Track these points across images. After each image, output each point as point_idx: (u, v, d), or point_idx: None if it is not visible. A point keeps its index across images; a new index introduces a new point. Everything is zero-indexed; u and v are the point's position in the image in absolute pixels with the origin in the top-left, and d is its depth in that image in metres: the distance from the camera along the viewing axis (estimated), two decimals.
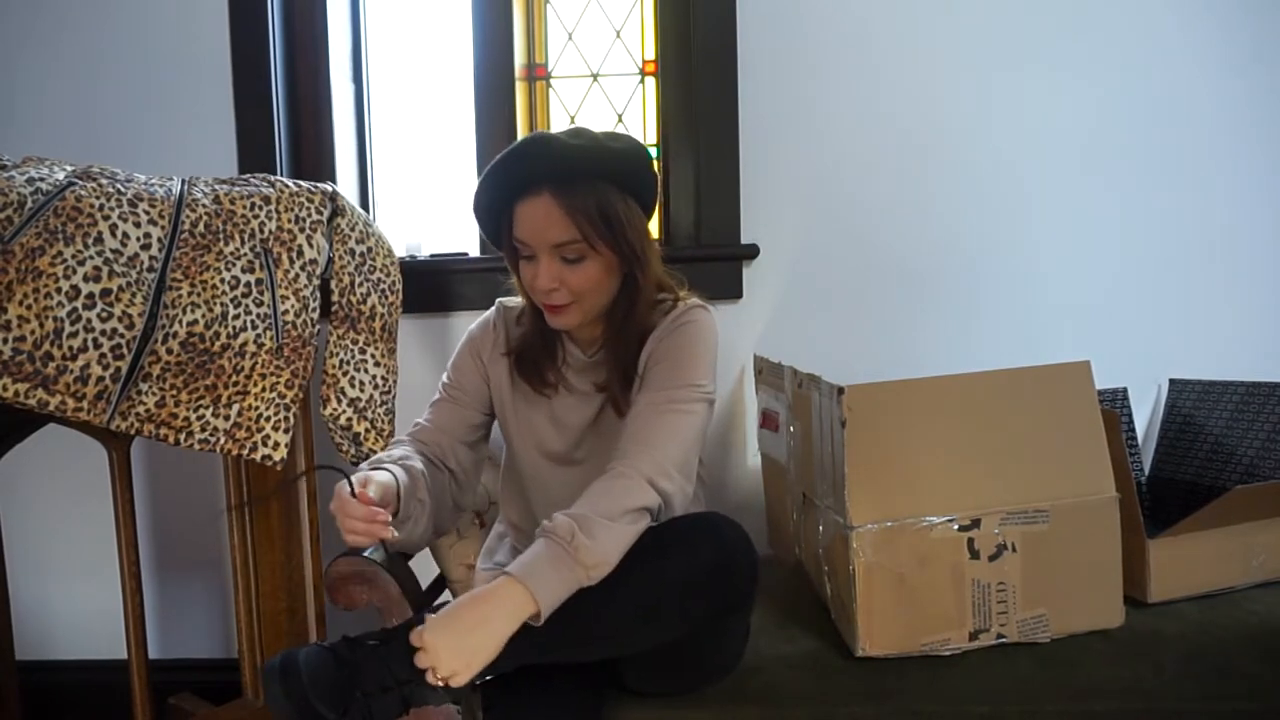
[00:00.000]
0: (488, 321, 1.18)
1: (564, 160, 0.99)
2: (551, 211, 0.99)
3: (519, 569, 0.87)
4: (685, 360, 1.04)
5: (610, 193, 1.01)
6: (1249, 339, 1.62)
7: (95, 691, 1.67)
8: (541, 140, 1.00)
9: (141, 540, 1.57)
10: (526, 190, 1.00)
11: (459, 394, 1.15)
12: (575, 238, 1.00)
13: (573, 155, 0.99)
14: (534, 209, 1.00)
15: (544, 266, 1.01)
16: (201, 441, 1.09)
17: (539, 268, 1.02)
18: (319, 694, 0.85)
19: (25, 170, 1.06)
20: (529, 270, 1.04)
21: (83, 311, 0.99)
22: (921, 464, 1.06)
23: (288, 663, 0.87)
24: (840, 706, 1.02)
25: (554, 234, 1.00)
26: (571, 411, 1.12)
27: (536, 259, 1.02)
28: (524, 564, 0.87)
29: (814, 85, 1.60)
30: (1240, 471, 1.38)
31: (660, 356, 1.05)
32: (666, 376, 1.03)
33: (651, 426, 0.99)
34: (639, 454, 0.97)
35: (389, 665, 0.87)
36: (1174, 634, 1.10)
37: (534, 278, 1.03)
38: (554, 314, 1.05)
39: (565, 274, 1.02)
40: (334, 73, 1.68)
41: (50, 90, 1.63)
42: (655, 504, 0.94)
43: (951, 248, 1.61)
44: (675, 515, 0.99)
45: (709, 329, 1.08)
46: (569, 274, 1.02)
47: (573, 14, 1.72)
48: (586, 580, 0.88)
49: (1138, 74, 1.59)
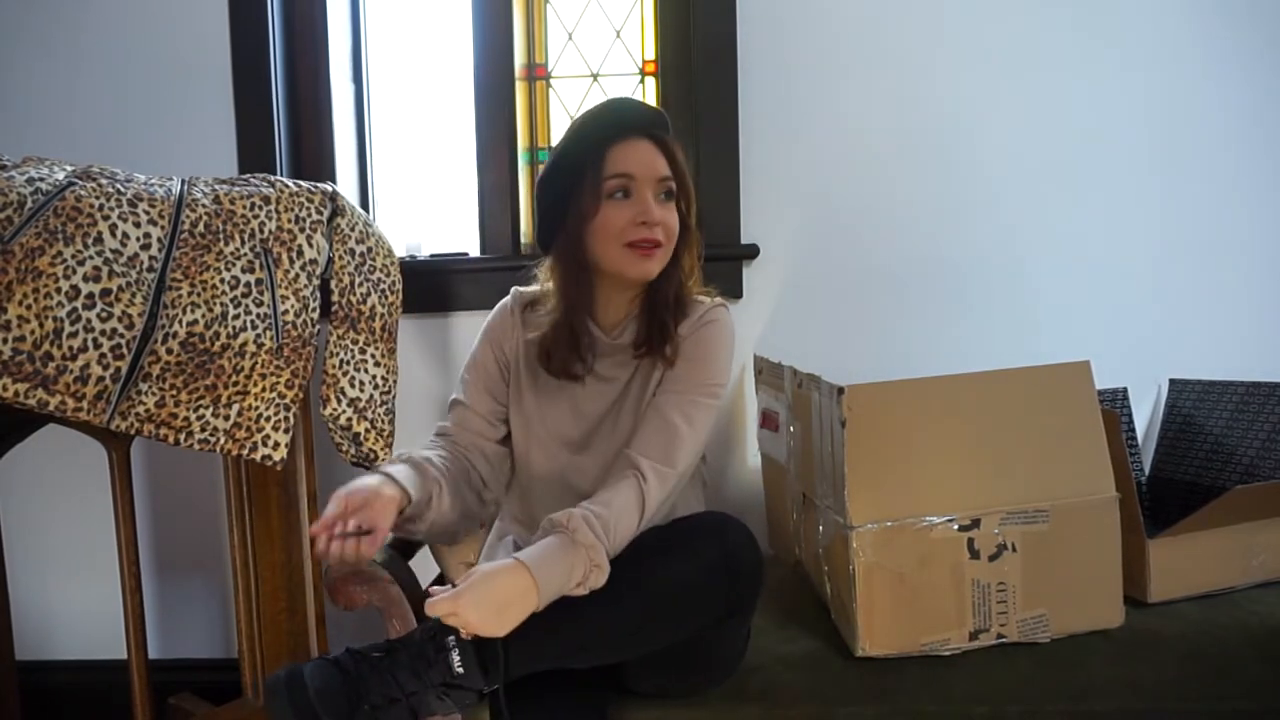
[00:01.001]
0: (504, 309, 1.18)
1: (650, 117, 1.09)
2: (654, 151, 1.07)
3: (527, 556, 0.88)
4: (709, 359, 1.09)
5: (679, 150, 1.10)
6: (1249, 339, 1.62)
7: (95, 691, 1.67)
8: (626, 100, 1.11)
9: (141, 540, 1.57)
10: (625, 134, 1.06)
11: (480, 387, 1.16)
12: (673, 176, 1.07)
13: (655, 114, 1.10)
14: (638, 147, 1.06)
15: (649, 199, 1.05)
16: (201, 441, 1.09)
17: (643, 201, 1.05)
18: (326, 707, 0.84)
19: (25, 170, 1.06)
20: (624, 210, 1.05)
21: (82, 311, 0.99)
22: (921, 464, 1.06)
23: (293, 677, 0.86)
24: (840, 706, 1.02)
25: (661, 167, 1.06)
26: (592, 399, 1.13)
27: (634, 197, 1.05)
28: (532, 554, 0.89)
29: (814, 85, 1.60)
30: (1240, 471, 1.38)
31: (685, 354, 1.09)
32: (689, 375, 1.07)
33: (670, 424, 1.03)
34: (655, 451, 1.01)
35: (395, 676, 0.87)
36: (1174, 634, 1.10)
37: (636, 213, 1.05)
38: (646, 257, 1.06)
39: (663, 213, 1.06)
40: (334, 73, 1.68)
41: (50, 90, 1.63)
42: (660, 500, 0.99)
43: (952, 248, 1.61)
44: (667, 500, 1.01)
45: (730, 329, 1.13)
46: (665, 213, 1.06)
47: (573, 14, 1.72)
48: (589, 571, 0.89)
49: (1138, 74, 1.59)
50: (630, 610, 0.91)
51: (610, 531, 0.91)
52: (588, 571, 0.88)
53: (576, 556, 0.88)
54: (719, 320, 1.11)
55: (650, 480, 0.98)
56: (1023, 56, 1.59)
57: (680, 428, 1.03)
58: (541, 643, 0.89)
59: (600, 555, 0.89)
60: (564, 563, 0.88)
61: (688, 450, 1.03)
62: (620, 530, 0.93)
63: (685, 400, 1.05)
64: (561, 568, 0.87)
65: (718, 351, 1.10)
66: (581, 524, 0.89)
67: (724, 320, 1.12)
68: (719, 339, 1.10)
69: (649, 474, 0.98)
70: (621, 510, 0.94)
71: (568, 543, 0.89)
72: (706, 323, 1.10)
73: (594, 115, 1.07)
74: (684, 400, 1.05)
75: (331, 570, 1.10)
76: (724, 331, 1.11)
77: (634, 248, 1.05)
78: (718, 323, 1.11)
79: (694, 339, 1.09)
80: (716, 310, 1.12)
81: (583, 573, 0.88)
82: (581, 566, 0.88)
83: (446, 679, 0.88)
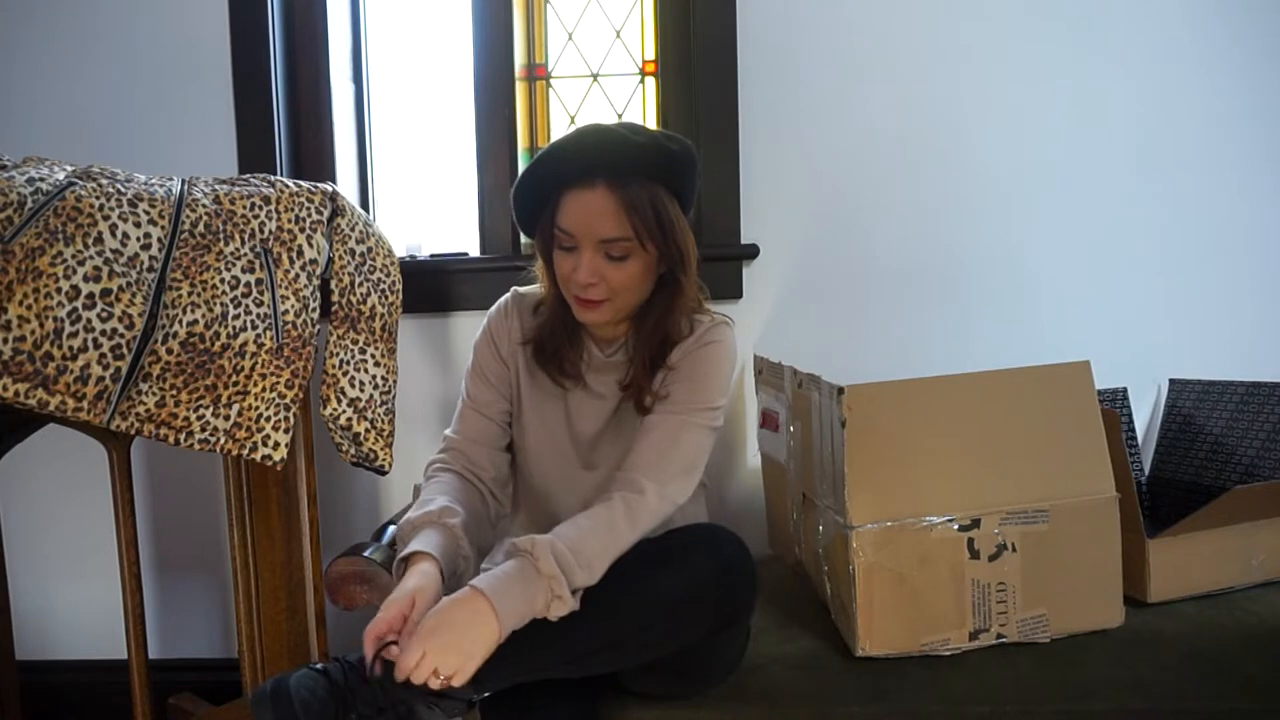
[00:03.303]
0: (503, 308, 1.17)
1: (625, 155, 0.97)
2: (606, 205, 0.97)
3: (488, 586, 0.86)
4: (707, 380, 1.05)
5: (661, 193, 0.99)
6: (1249, 339, 1.62)
7: (95, 691, 1.67)
8: (602, 131, 0.98)
9: (141, 540, 1.57)
10: (580, 179, 0.98)
11: (484, 391, 1.14)
12: (626, 235, 0.98)
13: (634, 151, 0.97)
14: (587, 200, 0.97)
15: (586, 260, 0.99)
16: (201, 441, 1.09)
17: (580, 261, 1.00)
18: (312, 718, 0.84)
19: (25, 170, 1.06)
20: (566, 262, 1.01)
21: (83, 311, 0.99)
22: (921, 464, 1.06)
23: (279, 688, 0.86)
24: (840, 706, 1.02)
25: (605, 228, 0.98)
26: (586, 413, 1.12)
27: (577, 251, 1.00)
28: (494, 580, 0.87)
29: (814, 85, 1.60)
30: (1240, 471, 1.38)
31: (684, 374, 1.05)
32: (687, 395, 1.04)
33: (665, 443, 1.01)
34: (650, 470, 0.98)
35: (383, 685, 0.86)
36: (1174, 634, 1.10)
37: (573, 270, 1.00)
38: (585, 309, 1.03)
39: (606, 270, 1.00)
40: (334, 73, 1.68)
41: (50, 90, 1.62)
42: (656, 521, 0.97)
43: (952, 247, 1.61)
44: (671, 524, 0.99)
45: (731, 349, 1.09)
46: (610, 270, 1.00)
47: (573, 14, 1.72)
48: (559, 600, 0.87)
49: (1138, 74, 1.59)
50: (623, 623, 0.90)
51: (581, 557, 0.88)
52: (549, 601, 0.86)
53: (538, 586, 0.86)
54: (720, 340, 1.07)
55: (639, 497, 0.95)
56: (1023, 57, 1.59)
57: (668, 450, 1.00)
58: (534, 655, 0.89)
59: (562, 586, 0.86)
60: (525, 593, 0.86)
61: (680, 469, 1.00)
62: (595, 554, 0.90)
63: (677, 420, 1.02)
64: (523, 598, 0.85)
65: (715, 372, 1.06)
66: (546, 553, 0.87)
67: (725, 340, 1.08)
68: (718, 359, 1.06)
69: (636, 492, 0.96)
70: (592, 532, 0.91)
71: (530, 571, 0.86)
72: (706, 343, 1.07)
73: (558, 148, 0.99)
74: (676, 420, 1.02)
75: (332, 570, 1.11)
76: (723, 351, 1.07)
77: (576, 299, 1.03)
78: (719, 343, 1.07)
79: (692, 358, 1.06)
80: (719, 329, 1.08)
81: (544, 603, 0.86)
82: (543, 596, 0.86)
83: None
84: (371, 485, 1.67)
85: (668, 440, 1.01)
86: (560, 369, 1.10)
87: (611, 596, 0.89)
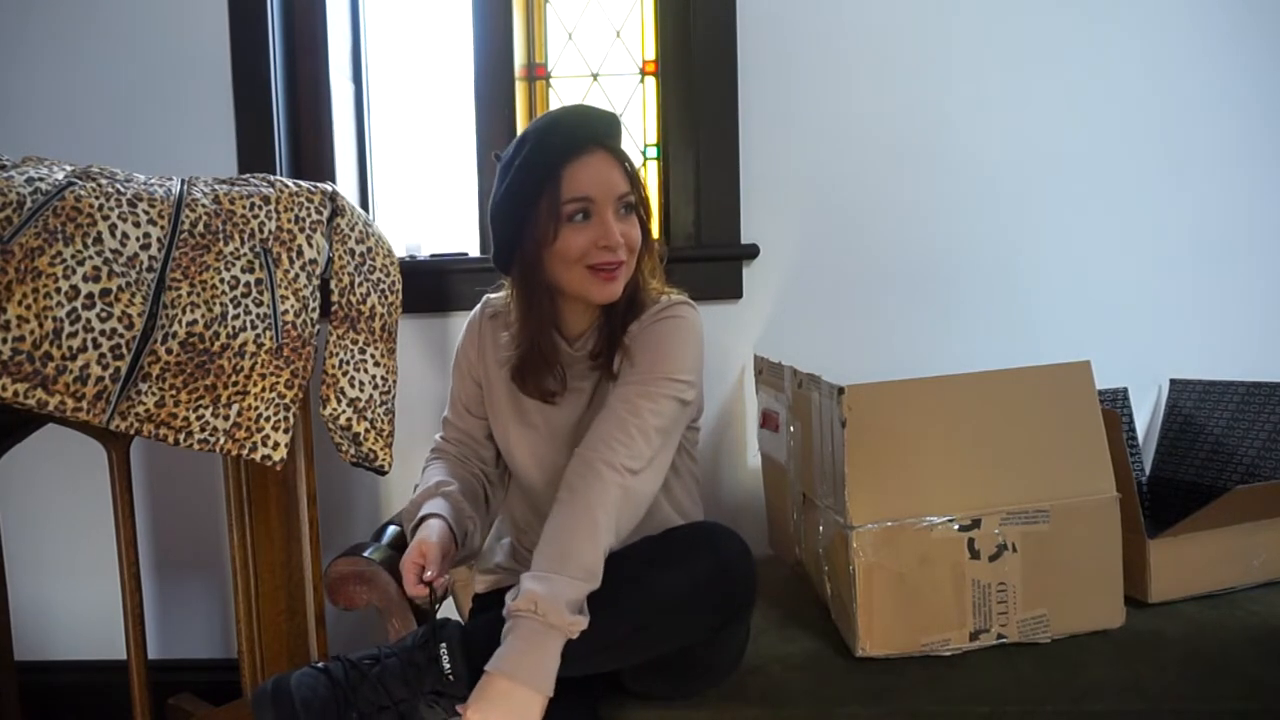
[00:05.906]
0: (471, 325, 1.19)
1: (601, 122, 1.04)
2: (610, 163, 1.03)
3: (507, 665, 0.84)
4: (667, 352, 1.03)
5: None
6: (1249, 339, 1.62)
7: (95, 692, 1.67)
8: (573, 109, 1.07)
9: (141, 540, 1.57)
10: (580, 150, 1.01)
11: (464, 403, 1.19)
12: (630, 190, 1.04)
13: (605, 117, 1.05)
14: (594, 163, 1.02)
15: (609, 220, 1.01)
16: (201, 441, 1.08)
17: (603, 223, 1.01)
18: (312, 717, 0.84)
19: (25, 170, 1.06)
20: (583, 234, 1.01)
21: (82, 311, 0.99)
22: (921, 464, 1.06)
23: (279, 687, 0.86)
24: (840, 706, 1.02)
25: (620, 184, 1.03)
26: (566, 405, 1.12)
27: (595, 218, 1.02)
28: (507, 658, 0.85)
29: (814, 85, 1.59)
30: (1241, 472, 1.38)
31: (643, 346, 1.04)
32: (647, 367, 1.02)
33: (625, 411, 0.98)
34: (612, 444, 0.95)
35: (384, 684, 0.86)
36: (1174, 634, 1.10)
37: (596, 236, 1.01)
38: (606, 281, 1.03)
39: (625, 228, 1.03)
40: (334, 73, 1.68)
41: (49, 90, 1.62)
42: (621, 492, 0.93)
43: (952, 248, 1.61)
44: (644, 504, 0.97)
45: (694, 326, 1.07)
46: (627, 228, 1.03)
47: (573, 14, 1.72)
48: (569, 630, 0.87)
49: (1139, 74, 1.59)
50: (623, 623, 0.90)
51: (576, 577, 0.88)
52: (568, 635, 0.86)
53: (551, 638, 0.85)
54: (679, 316, 1.06)
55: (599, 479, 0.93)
56: (1023, 57, 1.59)
57: (628, 420, 0.97)
58: None
59: (577, 627, 0.86)
60: (549, 651, 0.85)
61: (640, 436, 0.96)
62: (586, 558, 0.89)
63: (636, 390, 0.99)
64: (548, 656, 0.85)
65: (674, 343, 1.04)
66: (550, 606, 0.85)
67: (686, 316, 1.07)
68: (678, 332, 1.05)
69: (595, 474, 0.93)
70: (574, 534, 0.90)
71: (540, 630, 0.85)
72: (664, 317, 1.06)
73: (544, 130, 1.01)
74: (635, 391, 0.99)
75: (332, 570, 1.11)
76: (684, 326, 1.06)
77: (596, 271, 1.02)
78: (678, 318, 1.06)
79: (649, 332, 1.05)
80: (678, 307, 1.07)
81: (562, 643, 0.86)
82: (558, 643, 0.86)
83: (437, 686, 0.88)
84: (371, 485, 1.67)
85: (628, 409, 0.98)
86: (542, 394, 1.10)
87: (612, 596, 0.89)
